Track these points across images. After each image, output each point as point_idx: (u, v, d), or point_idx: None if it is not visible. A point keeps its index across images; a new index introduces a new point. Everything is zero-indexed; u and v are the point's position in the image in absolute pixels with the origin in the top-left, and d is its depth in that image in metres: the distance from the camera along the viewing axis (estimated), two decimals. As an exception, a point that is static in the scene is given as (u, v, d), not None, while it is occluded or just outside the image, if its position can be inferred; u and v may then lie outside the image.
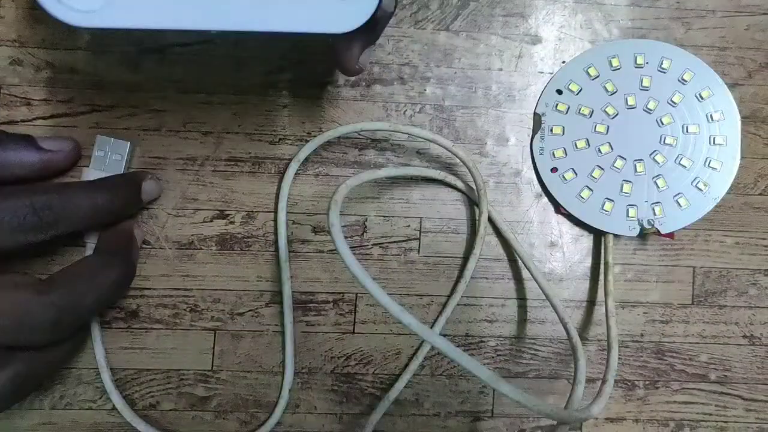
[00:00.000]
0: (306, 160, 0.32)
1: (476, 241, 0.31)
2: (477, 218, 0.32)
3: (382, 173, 0.31)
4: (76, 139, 0.30)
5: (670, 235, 0.32)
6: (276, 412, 0.31)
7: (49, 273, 0.29)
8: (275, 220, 0.31)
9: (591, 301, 0.33)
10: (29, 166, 0.28)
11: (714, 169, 0.32)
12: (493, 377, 0.22)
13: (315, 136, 0.31)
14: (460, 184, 0.32)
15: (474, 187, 0.32)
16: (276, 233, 0.31)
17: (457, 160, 0.32)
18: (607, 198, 0.32)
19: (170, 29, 0.19)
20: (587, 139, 0.32)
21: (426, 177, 0.32)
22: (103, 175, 0.29)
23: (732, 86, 0.33)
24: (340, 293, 0.32)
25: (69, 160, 0.29)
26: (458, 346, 0.32)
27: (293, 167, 0.31)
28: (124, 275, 0.28)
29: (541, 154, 0.33)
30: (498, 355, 0.32)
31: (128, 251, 0.29)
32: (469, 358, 0.23)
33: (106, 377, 0.30)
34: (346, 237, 0.32)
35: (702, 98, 0.32)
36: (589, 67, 0.33)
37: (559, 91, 0.33)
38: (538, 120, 0.33)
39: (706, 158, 0.32)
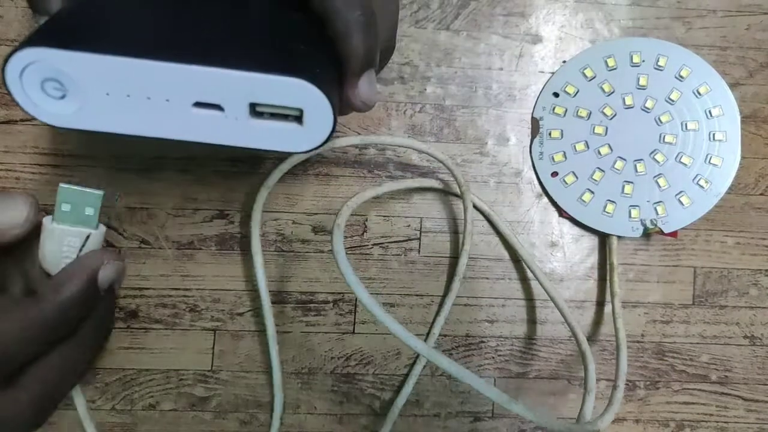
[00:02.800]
0: (306, 159, 0.32)
1: (465, 237, 0.31)
2: (463, 215, 0.32)
3: (383, 189, 0.31)
4: (32, 196, 0.22)
5: (674, 234, 0.32)
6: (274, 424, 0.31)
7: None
8: (250, 245, 0.31)
9: (593, 302, 0.33)
10: None
11: (715, 165, 0.32)
12: (504, 397, 0.23)
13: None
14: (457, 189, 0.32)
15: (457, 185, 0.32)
16: (251, 246, 0.31)
17: (459, 159, 0.32)
18: (608, 200, 0.32)
19: (141, 136, 0.19)
20: (586, 142, 0.32)
21: (426, 187, 0.32)
22: (70, 230, 0.22)
23: (733, 86, 0.33)
24: (340, 293, 0.32)
25: (23, 232, 0.21)
26: (458, 347, 0.32)
27: (263, 193, 0.31)
28: (103, 344, 0.25)
29: (540, 158, 0.32)
30: (498, 356, 0.32)
31: (108, 314, 0.24)
32: (479, 379, 0.23)
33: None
34: (346, 237, 0.32)
35: (700, 94, 0.32)
36: (585, 68, 0.32)
37: (556, 94, 0.33)
38: (536, 124, 0.33)
39: (707, 155, 0.32)
